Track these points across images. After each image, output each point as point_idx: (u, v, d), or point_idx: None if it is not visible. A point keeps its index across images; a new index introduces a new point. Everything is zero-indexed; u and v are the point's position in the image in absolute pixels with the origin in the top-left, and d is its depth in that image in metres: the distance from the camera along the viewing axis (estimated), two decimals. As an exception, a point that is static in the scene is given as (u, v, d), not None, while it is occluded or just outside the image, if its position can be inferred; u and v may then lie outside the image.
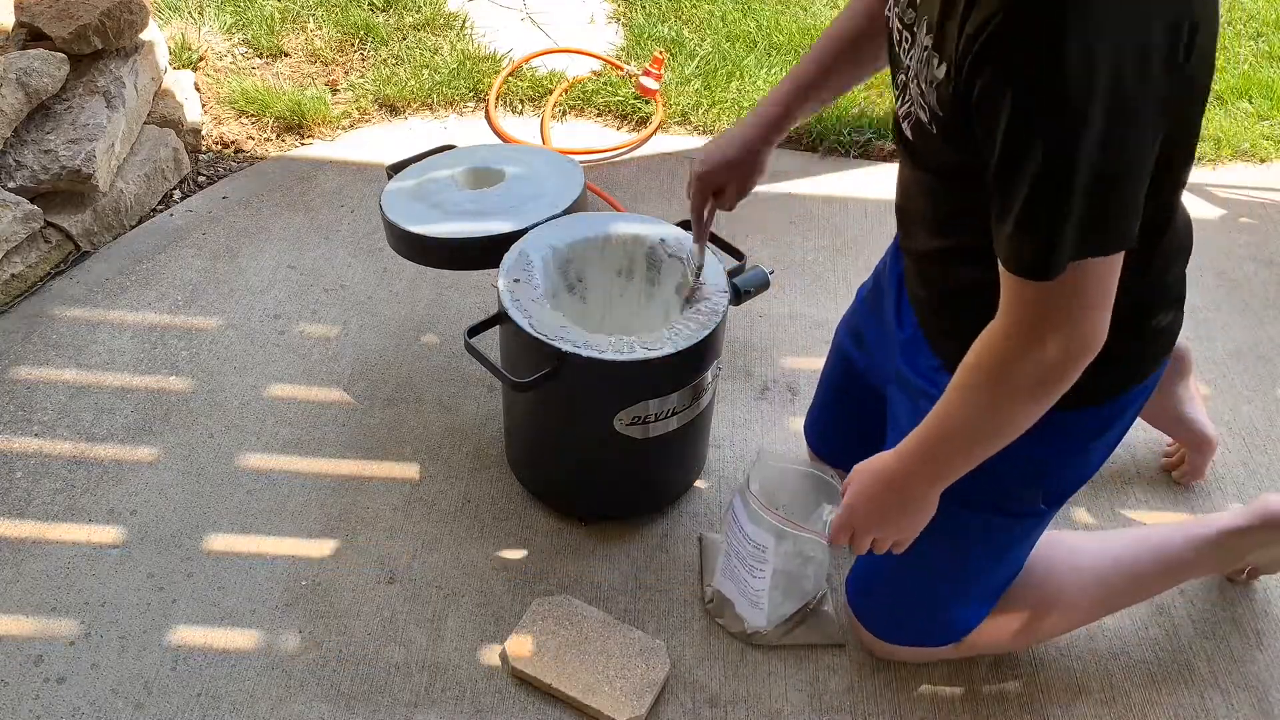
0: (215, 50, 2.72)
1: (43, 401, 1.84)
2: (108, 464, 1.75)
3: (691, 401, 1.56)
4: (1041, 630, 1.49)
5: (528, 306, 1.49)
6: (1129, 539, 1.55)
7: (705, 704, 1.49)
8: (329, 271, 2.15)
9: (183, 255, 2.16)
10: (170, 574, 1.60)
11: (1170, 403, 1.75)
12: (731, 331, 1.97)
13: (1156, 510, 1.78)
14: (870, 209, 2.40)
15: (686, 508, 1.74)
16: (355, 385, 1.92)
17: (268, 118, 2.52)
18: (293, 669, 1.50)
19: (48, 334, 1.96)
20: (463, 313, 2.07)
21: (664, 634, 1.56)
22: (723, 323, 1.52)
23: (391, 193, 1.80)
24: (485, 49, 2.80)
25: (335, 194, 2.34)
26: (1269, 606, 1.65)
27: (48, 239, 2.08)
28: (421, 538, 1.68)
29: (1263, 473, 1.85)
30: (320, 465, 1.78)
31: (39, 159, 2.06)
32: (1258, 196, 2.55)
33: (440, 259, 1.73)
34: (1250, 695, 1.54)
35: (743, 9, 3.04)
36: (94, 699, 1.45)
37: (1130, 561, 1.51)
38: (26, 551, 1.62)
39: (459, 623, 1.56)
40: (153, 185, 2.28)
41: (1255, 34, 3.13)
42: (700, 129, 2.61)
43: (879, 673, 1.53)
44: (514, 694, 1.48)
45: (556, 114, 2.62)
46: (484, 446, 1.82)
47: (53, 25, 2.18)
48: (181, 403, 1.86)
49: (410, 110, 2.60)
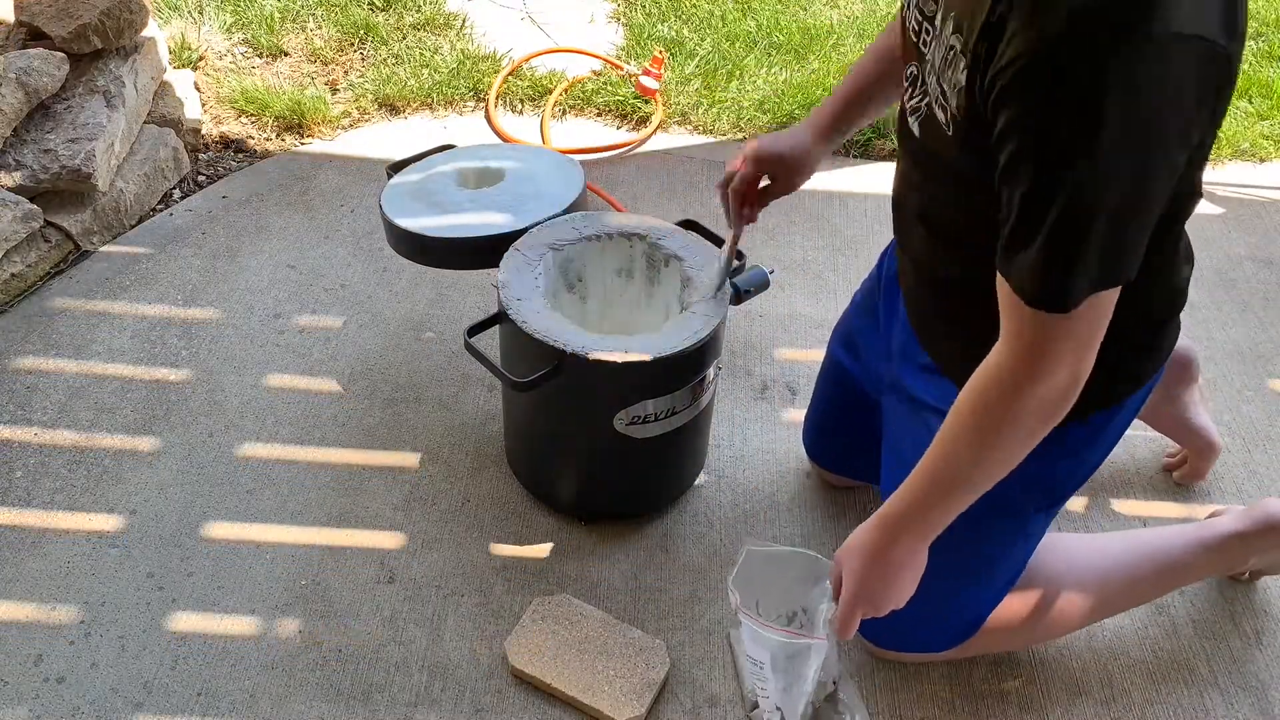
0: (215, 50, 2.72)
1: (42, 400, 1.84)
2: (107, 463, 1.75)
3: (691, 401, 1.56)
4: (1041, 632, 1.49)
5: (528, 306, 1.49)
6: (1129, 542, 1.55)
7: (705, 704, 1.49)
8: (329, 271, 2.15)
9: (182, 255, 2.16)
10: (170, 573, 1.60)
11: (1176, 409, 1.75)
12: (731, 331, 1.97)
13: (1156, 510, 1.78)
14: (870, 208, 2.40)
15: (686, 508, 1.74)
16: (355, 384, 1.92)
17: (267, 117, 2.52)
18: (293, 669, 1.50)
19: (47, 333, 1.96)
20: (463, 312, 2.07)
21: (664, 634, 1.56)
22: (723, 322, 1.52)
23: (391, 192, 1.79)
24: (485, 49, 2.80)
25: (335, 194, 2.34)
26: (1269, 606, 1.65)
27: (47, 238, 2.08)
28: (421, 537, 1.68)
29: (1263, 472, 1.85)
30: (320, 464, 1.78)
31: (39, 158, 2.06)
32: (1258, 196, 2.55)
33: (440, 258, 1.73)
34: (1250, 695, 1.54)
35: (743, 9, 3.04)
36: (94, 698, 1.45)
37: (1129, 565, 1.51)
38: (26, 550, 1.62)
39: (459, 622, 1.56)
40: (152, 185, 2.28)
41: (1255, 34, 3.13)
42: (700, 129, 2.61)
43: (879, 672, 1.53)
44: (514, 694, 1.48)
45: (556, 114, 2.62)
46: (484, 446, 1.82)
47: (52, 25, 2.18)
48: (181, 402, 1.86)
49: (410, 110, 2.60)
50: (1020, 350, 1.03)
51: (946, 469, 1.13)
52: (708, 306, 1.52)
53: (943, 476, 1.13)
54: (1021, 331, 1.03)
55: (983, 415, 1.08)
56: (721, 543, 1.69)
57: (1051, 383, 1.02)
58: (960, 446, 1.11)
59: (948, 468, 1.12)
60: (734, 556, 1.59)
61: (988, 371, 1.07)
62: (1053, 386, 1.03)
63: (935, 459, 1.13)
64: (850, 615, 1.23)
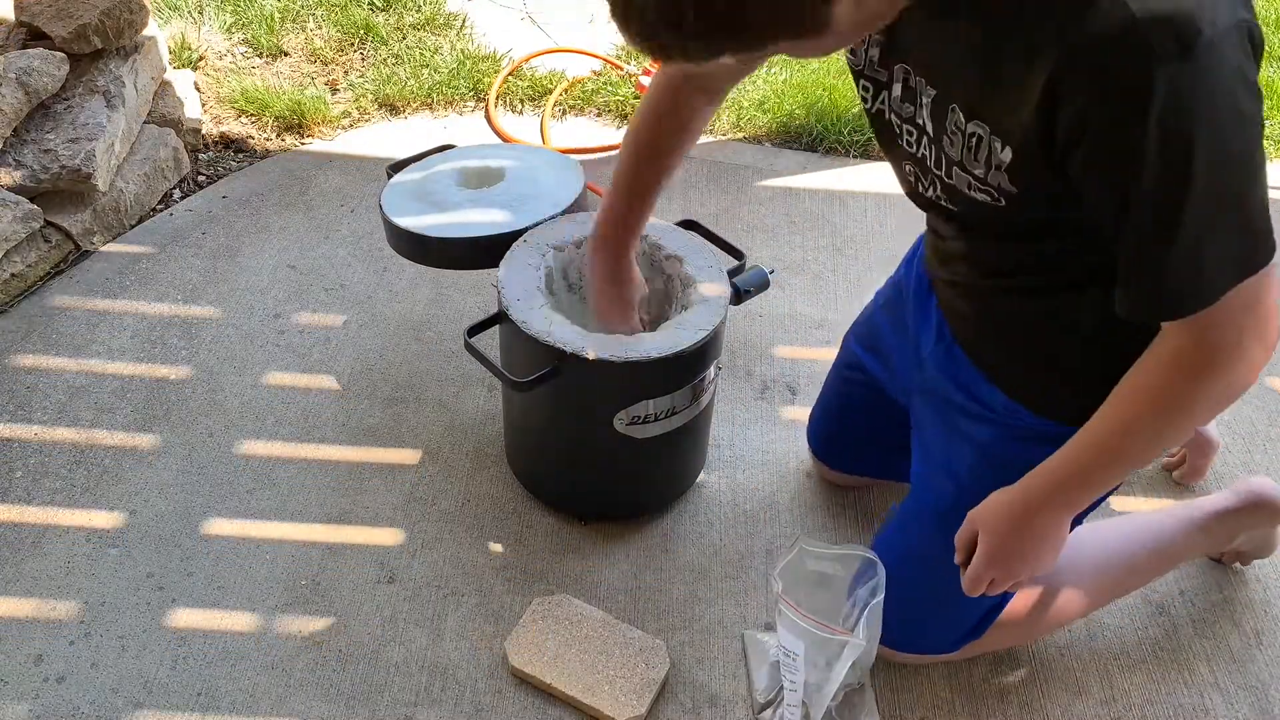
0: (215, 50, 2.72)
1: (42, 400, 1.84)
2: (107, 462, 1.75)
3: (691, 401, 1.56)
4: (1045, 623, 1.50)
5: (528, 306, 1.49)
6: (1123, 528, 1.57)
7: (705, 703, 1.49)
8: (329, 271, 2.15)
9: (182, 255, 2.16)
10: (170, 573, 1.60)
11: (1194, 469, 1.78)
12: (731, 331, 1.97)
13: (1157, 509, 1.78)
14: (870, 208, 2.40)
15: (687, 507, 1.74)
16: (355, 384, 1.92)
17: (267, 117, 2.52)
18: (293, 669, 1.50)
19: (47, 333, 1.96)
20: (463, 312, 2.07)
21: (664, 634, 1.56)
22: (723, 323, 1.52)
23: (391, 192, 1.79)
24: (485, 49, 2.80)
25: (335, 194, 2.34)
26: (1269, 606, 1.65)
27: (47, 238, 2.08)
28: (421, 537, 1.68)
29: (1262, 472, 1.85)
30: (320, 464, 1.78)
31: (39, 158, 2.06)
32: (1258, 196, 2.55)
33: (440, 258, 1.73)
34: (1250, 695, 1.54)
35: (743, 9, 3.03)
36: (94, 698, 1.45)
37: (1126, 550, 1.53)
38: (26, 550, 1.62)
39: (459, 622, 1.56)
40: (152, 185, 2.28)
41: (1255, 34, 3.12)
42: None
43: (879, 673, 1.52)
44: (514, 694, 1.48)
45: (556, 114, 2.62)
46: (484, 446, 1.82)
47: (52, 24, 2.18)
48: (181, 402, 1.86)
49: (410, 110, 2.60)
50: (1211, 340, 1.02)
51: (1112, 443, 1.10)
52: (708, 306, 1.52)
53: (1107, 449, 1.11)
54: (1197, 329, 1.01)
55: (1167, 398, 1.06)
56: (721, 543, 1.69)
57: (1240, 368, 1.02)
58: (1137, 425, 1.08)
59: (1114, 442, 1.10)
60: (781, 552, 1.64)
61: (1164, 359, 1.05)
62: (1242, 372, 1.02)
63: (1102, 433, 1.11)
64: (981, 575, 1.22)
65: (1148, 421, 1.08)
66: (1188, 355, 1.03)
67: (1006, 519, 1.19)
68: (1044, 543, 1.20)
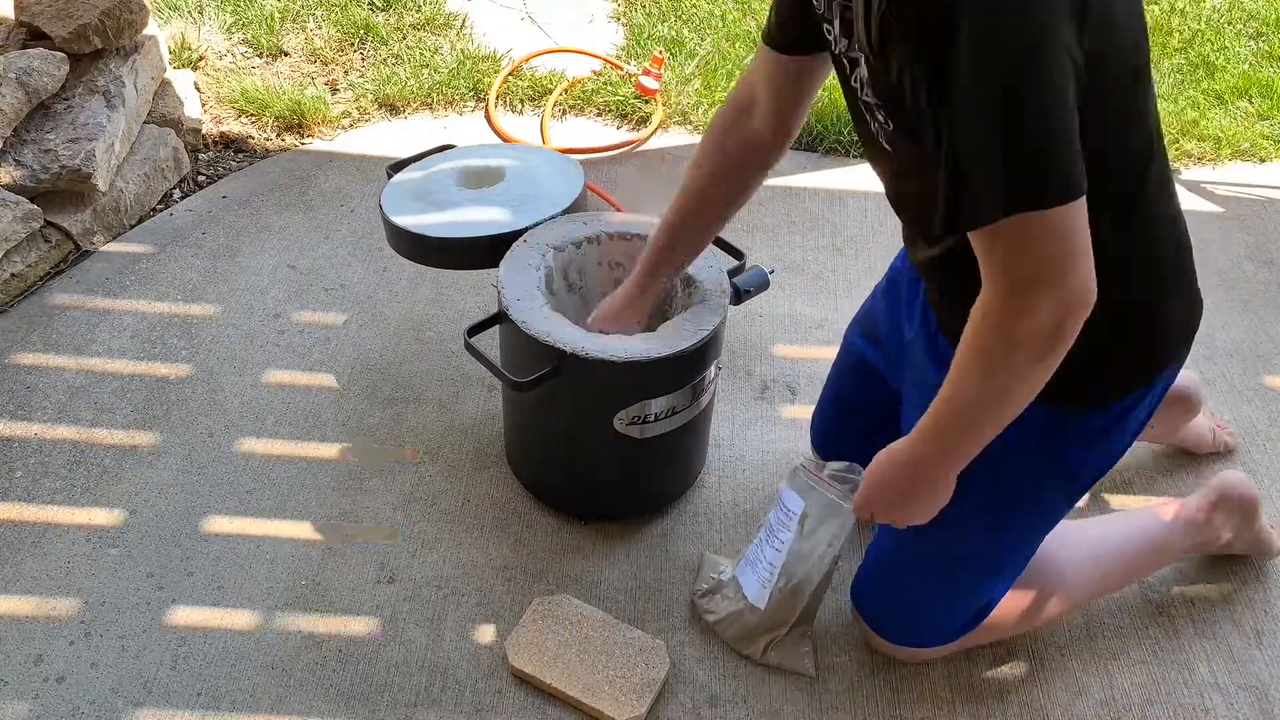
0: (215, 50, 2.72)
1: (42, 400, 1.84)
2: (107, 462, 1.75)
3: (691, 401, 1.56)
4: (1042, 616, 1.51)
5: (528, 306, 1.49)
6: (1118, 524, 1.60)
7: (705, 703, 1.49)
8: (329, 271, 2.15)
9: (182, 255, 2.16)
10: (170, 573, 1.60)
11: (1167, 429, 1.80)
12: (731, 331, 1.97)
13: (1156, 510, 1.79)
14: (870, 207, 2.40)
15: (686, 507, 1.74)
16: (355, 384, 1.92)
17: (267, 117, 2.52)
18: (293, 668, 1.50)
19: (47, 333, 1.96)
20: (463, 312, 2.07)
21: (664, 634, 1.56)
22: (723, 323, 1.52)
23: (391, 192, 1.80)
24: (485, 49, 2.80)
25: (335, 194, 2.34)
26: (1269, 606, 1.65)
27: (47, 238, 2.08)
28: (421, 537, 1.68)
29: (1262, 472, 1.85)
30: (320, 464, 1.78)
31: (39, 158, 2.06)
32: (1258, 196, 2.55)
33: (440, 258, 1.73)
34: (1250, 695, 1.54)
35: (743, 9, 3.04)
36: (94, 698, 1.45)
37: (1119, 546, 1.56)
38: (26, 550, 1.62)
39: (459, 622, 1.56)
40: (152, 185, 2.28)
41: (1255, 34, 3.13)
42: (700, 129, 2.61)
43: (879, 672, 1.53)
44: (514, 694, 1.48)
45: (556, 114, 2.63)
46: (484, 446, 1.82)
47: (52, 25, 2.18)
48: (181, 402, 1.86)
49: (410, 110, 2.60)
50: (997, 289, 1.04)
51: (956, 399, 1.14)
52: (708, 307, 1.52)
53: (953, 406, 1.14)
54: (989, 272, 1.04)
55: (981, 355, 1.09)
56: (722, 543, 1.69)
57: (1038, 314, 1.02)
58: (968, 384, 1.12)
59: (957, 397, 1.14)
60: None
61: (975, 315, 1.09)
62: (1040, 317, 1.02)
63: (947, 391, 1.14)
64: (865, 503, 1.29)
65: (973, 371, 1.10)
66: (989, 304, 1.05)
67: (893, 460, 1.25)
68: (924, 489, 1.23)
